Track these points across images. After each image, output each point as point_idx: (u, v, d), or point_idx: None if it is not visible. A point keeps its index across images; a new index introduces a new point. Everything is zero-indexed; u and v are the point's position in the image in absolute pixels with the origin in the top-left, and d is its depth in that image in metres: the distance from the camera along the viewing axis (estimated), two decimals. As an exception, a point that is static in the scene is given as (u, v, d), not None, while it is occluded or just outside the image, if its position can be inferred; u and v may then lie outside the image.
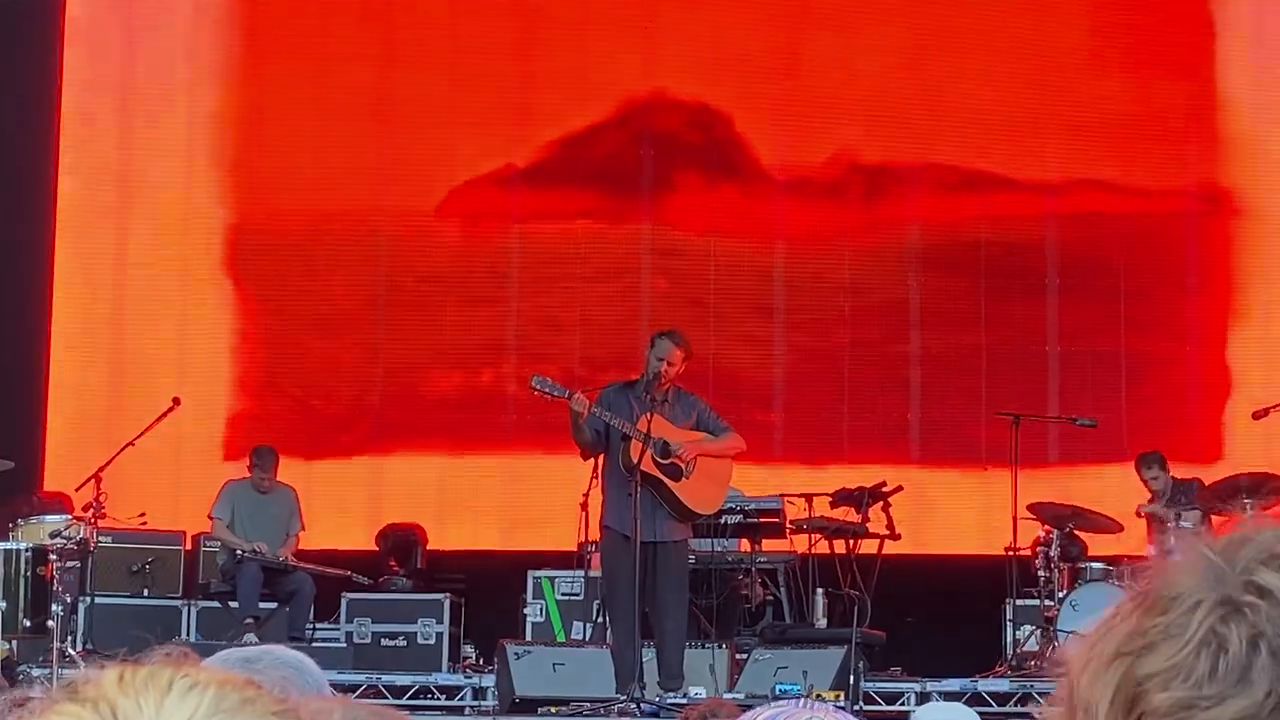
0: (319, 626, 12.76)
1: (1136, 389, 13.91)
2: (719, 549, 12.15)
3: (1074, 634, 11.16)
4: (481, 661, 12.51)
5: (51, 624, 11.08)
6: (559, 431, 11.30)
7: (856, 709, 10.37)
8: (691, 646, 10.99)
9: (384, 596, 12.89)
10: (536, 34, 14.59)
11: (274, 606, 12.55)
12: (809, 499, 12.49)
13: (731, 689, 10.85)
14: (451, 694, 11.80)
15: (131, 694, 1.30)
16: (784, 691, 10.13)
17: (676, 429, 10.55)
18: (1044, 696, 10.94)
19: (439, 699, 11.72)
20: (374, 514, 13.88)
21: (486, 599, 13.10)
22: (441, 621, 12.62)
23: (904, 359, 14.11)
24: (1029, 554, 11.92)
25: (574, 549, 12.24)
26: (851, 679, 10.85)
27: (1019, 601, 12.10)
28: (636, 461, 10.28)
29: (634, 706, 10.28)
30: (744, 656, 11.26)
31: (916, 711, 7.78)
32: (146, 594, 13.02)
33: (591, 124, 14.47)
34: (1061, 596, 11.50)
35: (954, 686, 11.21)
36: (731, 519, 12.06)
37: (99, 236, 14.46)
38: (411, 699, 11.57)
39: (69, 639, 11.54)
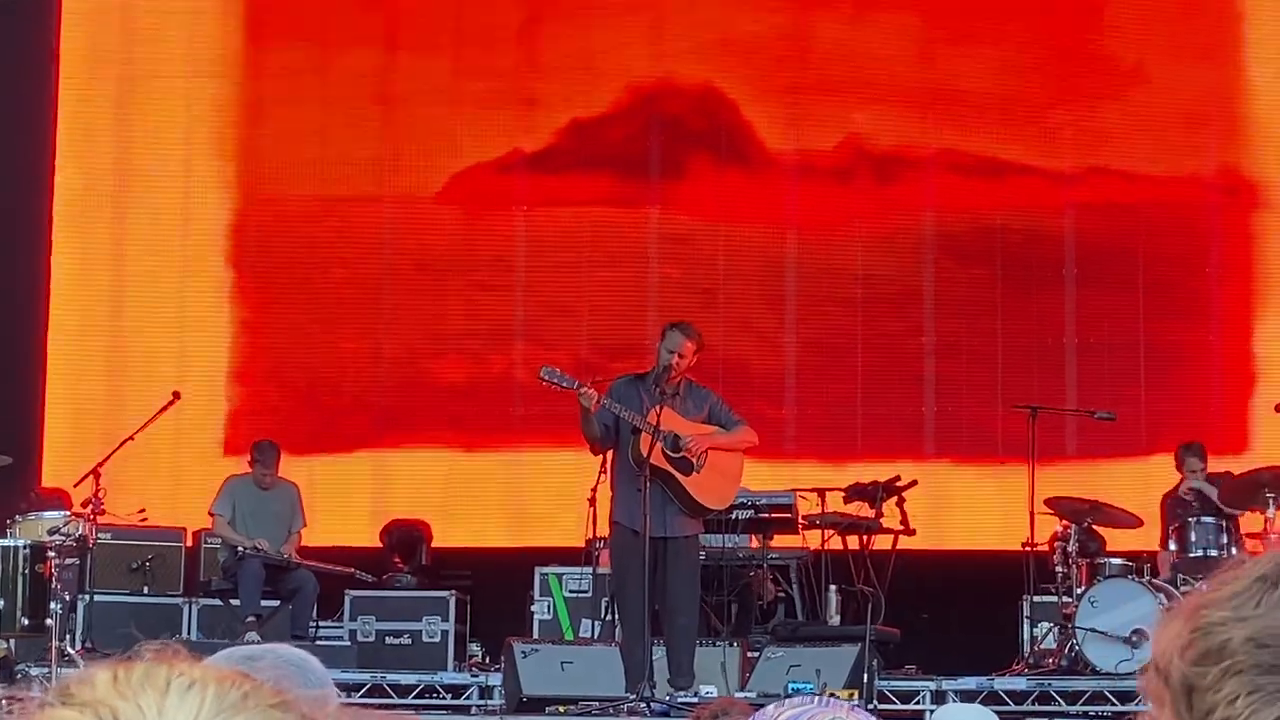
0: (322, 625, 12.77)
1: (1156, 381, 13.89)
2: (730, 545, 12.16)
3: (1093, 631, 11.17)
4: (488, 660, 12.51)
5: (50, 622, 11.09)
6: (567, 423, 11.31)
7: (870, 708, 10.35)
8: (702, 644, 10.98)
9: (388, 594, 12.90)
10: (542, 18, 14.59)
11: (276, 604, 12.55)
12: (822, 494, 12.49)
13: (743, 688, 10.86)
14: (457, 693, 11.81)
15: (130, 696, 1.29)
16: (796, 690, 10.13)
17: (687, 422, 10.54)
18: (1062, 695, 10.97)
19: (444, 698, 11.72)
20: (378, 510, 13.89)
21: (493, 596, 13.11)
22: (447, 619, 12.63)
23: (918, 350, 14.11)
24: (1046, 549, 11.91)
25: (582, 545, 12.24)
26: (865, 677, 10.85)
27: (1036, 598, 12.09)
28: (646, 455, 10.27)
29: (644, 706, 10.28)
30: (756, 655, 11.26)
31: (935, 712, 7.79)
32: (146, 592, 13.03)
33: (599, 109, 14.47)
34: (1080, 593, 11.48)
35: (970, 685, 11.20)
36: (743, 514, 12.06)
37: (97, 228, 14.47)
38: (416, 698, 11.57)
39: (68, 637, 11.56)
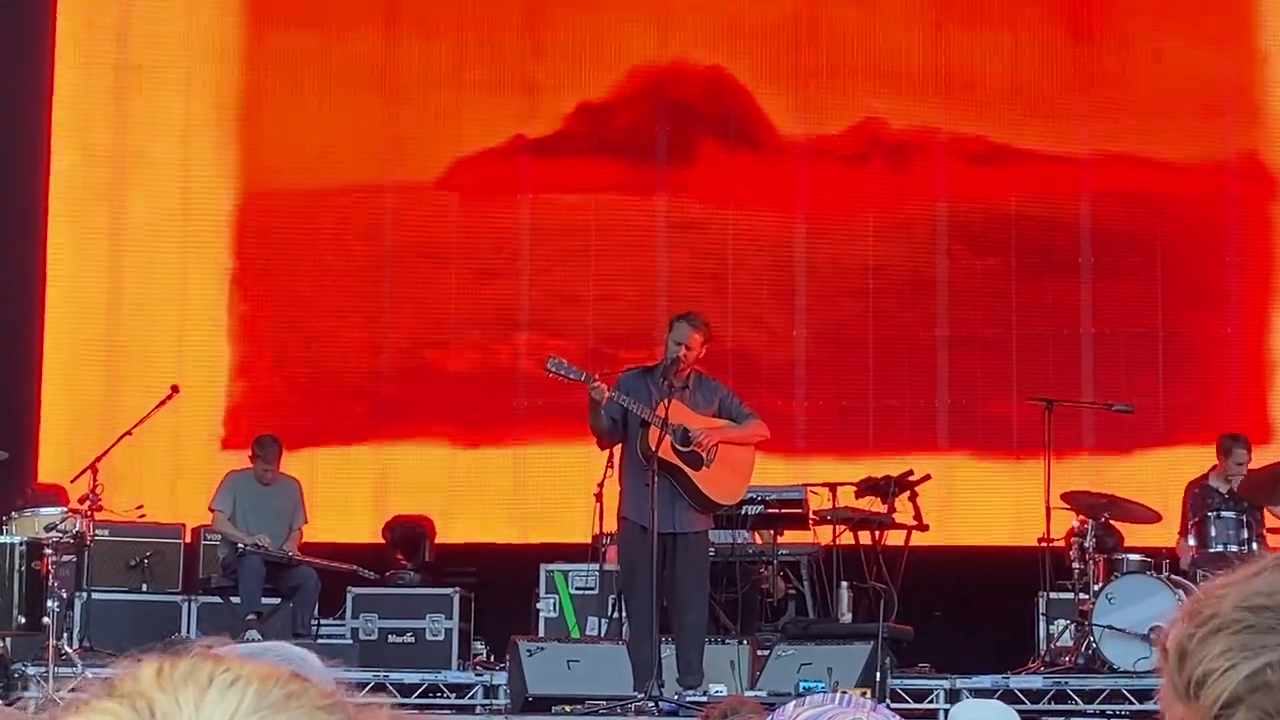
0: (324, 622, 12.78)
1: (1175, 372, 13.89)
2: (740, 541, 12.17)
3: (1110, 629, 11.18)
4: (493, 659, 12.52)
5: (47, 620, 11.10)
6: (574, 416, 11.31)
7: (884, 706, 10.36)
8: (712, 642, 10.99)
9: (391, 591, 12.90)
10: (546, 2, 14.59)
11: (277, 602, 12.56)
12: (833, 489, 12.49)
13: (753, 686, 10.86)
14: (461, 692, 11.82)
15: (170, 690, 1.30)
16: (808, 689, 10.14)
17: (697, 415, 10.54)
18: (1079, 693, 10.97)
19: (448, 697, 11.73)
20: (380, 505, 13.91)
21: (497, 593, 13.12)
22: (451, 617, 12.63)
23: (931, 342, 14.11)
24: (1063, 545, 11.91)
25: (589, 541, 12.25)
26: (878, 676, 10.86)
27: (1053, 595, 12.09)
28: (655, 449, 10.27)
29: (652, 705, 10.28)
30: (766, 653, 11.27)
31: (952, 709, 7.80)
32: (145, 589, 13.04)
33: (605, 94, 14.47)
34: (1097, 589, 11.48)
35: (985, 683, 11.20)
36: (753, 510, 12.07)
37: (94, 216, 14.48)
38: (420, 698, 11.57)
39: (65, 636, 11.56)
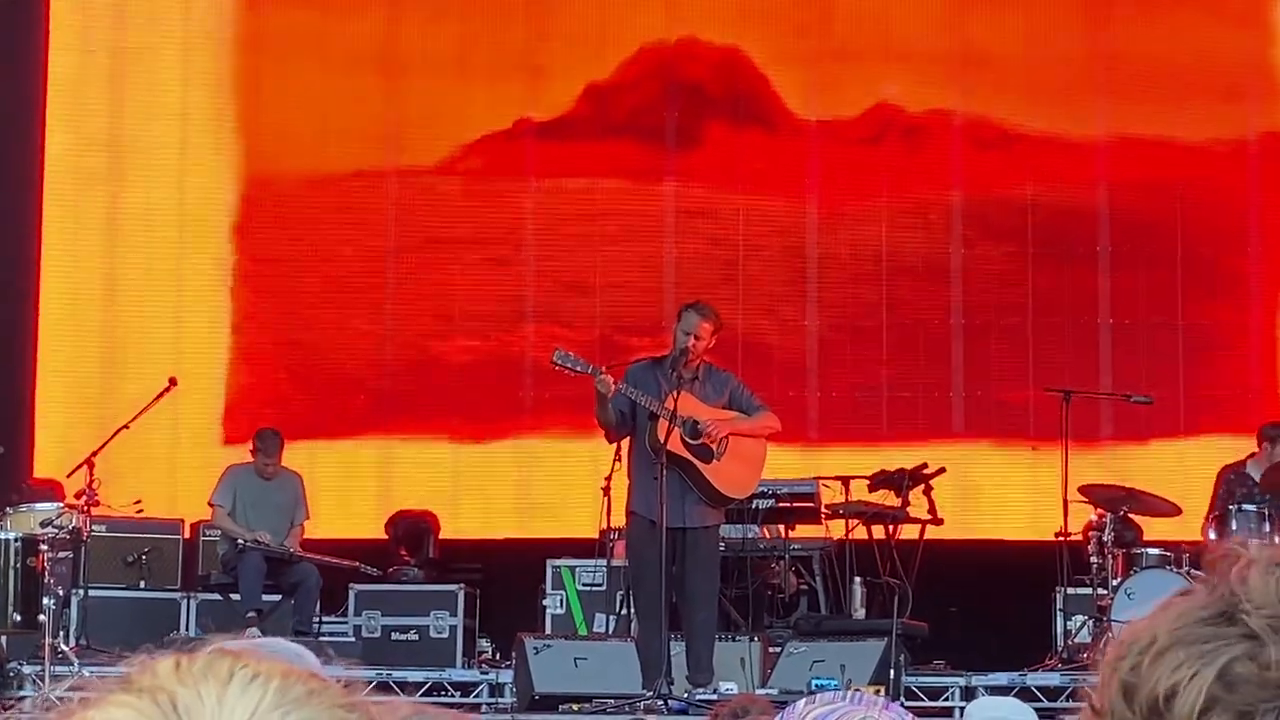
0: (326, 620, 12.80)
1: (1195, 361, 13.89)
2: (751, 535, 12.18)
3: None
4: (498, 656, 12.54)
5: (43, 618, 11.12)
6: (581, 408, 11.33)
7: (898, 704, 10.38)
8: (722, 639, 11.00)
9: (394, 588, 12.92)
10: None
11: (278, 599, 12.57)
12: (845, 482, 12.50)
13: (764, 684, 10.87)
14: (467, 691, 11.84)
15: (191, 684, 1.30)
16: (820, 686, 10.15)
17: (707, 407, 10.55)
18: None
19: (453, 696, 11.74)
20: (383, 500, 13.92)
21: (503, 590, 13.13)
22: (455, 614, 12.64)
23: (945, 331, 14.12)
24: (1080, 539, 11.91)
25: (596, 536, 12.26)
26: (892, 673, 10.87)
27: (1070, 590, 12.10)
28: (663, 442, 10.28)
29: (661, 703, 10.30)
30: (777, 650, 11.28)
31: (968, 707, 7.82)
32: (143, 586, 13.06)
33: (612, 75, 14.46)
34: (1115, 584, 11.48)
35: (1001, 680, 11.22)
36: (764, 504, 12.08)
37: (90, 207, 14.48)
38: (424, 696, 11.59)
39: (61, 634, 11.60)
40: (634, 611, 11.01)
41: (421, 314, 14.45)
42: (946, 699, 11.25)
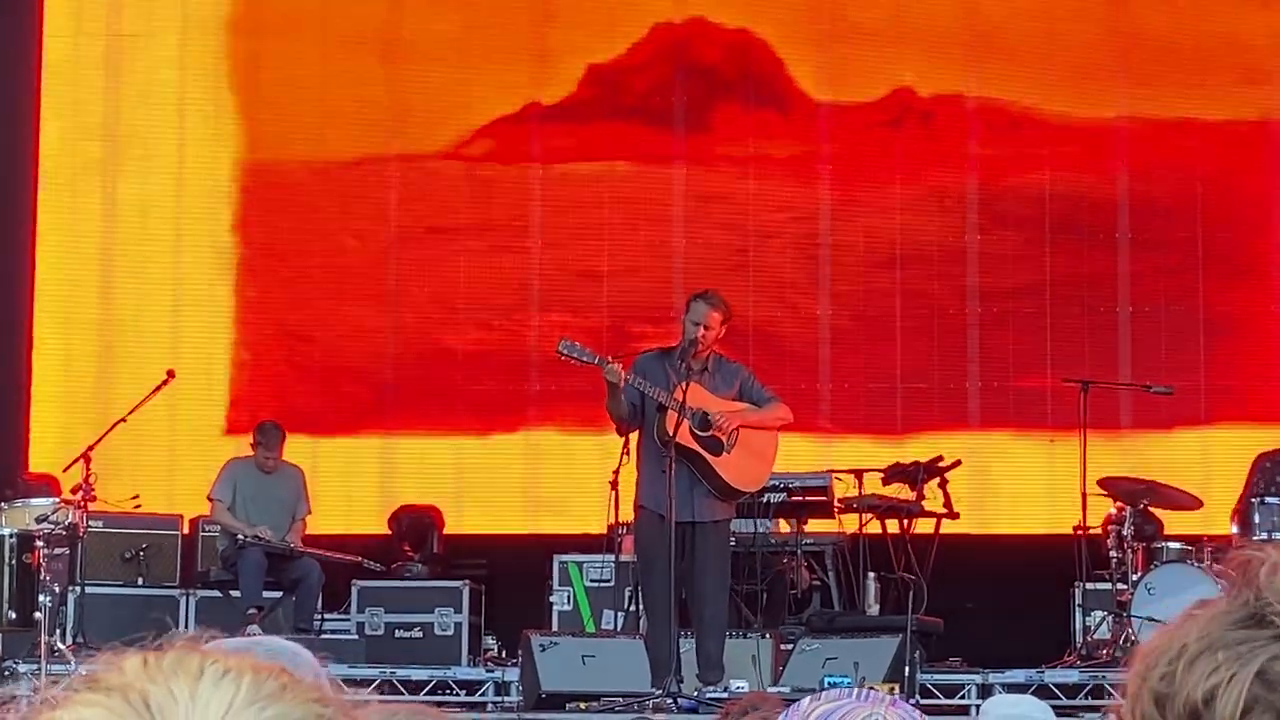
0: (328, 617, 12.82)
1: (1216, 349, 13.87)
2: (762, 530, 12.18)
3: (1150, 620, 11.18)
4: (504, 654, 12.55)
5: (39, 616, 11.14)
6: (588, 400, 11.33)
7: (912, 702, 10.38)
8: (733, 636, 11.00)
9: (398, 584, 12.93)
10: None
11: (279, 596, 12.60)
12: (859, 475, 12.50)
13: (776, 682, 10.87)
14: (472, 689, 11.84)
15: (162, 681, 1.30)
16: (833, 684, 10.15)
17: (717, 399, 10.55)
18: (1118, 688, 10.96)
19: (458, 694, 11.75)
20: (386, 495, 13.93)
21: (509, 586, 13.14)
22: (460, 611, 12.66)
23: (961, 319, 14.11)
24: (1100, 533, 11.91)
25: (604, 531, 12.27)
26: (906, 670, 10.86)
27: (1089, 585, 12.08)
28: (672, 434, 10.28)
29: (670, 702, 10.29)
30: (789, 647, 11.28)
31: (984, 704, 7.81)
32: (141, 583, 13.06)
33: (621, 57, 14.45)
34: (1135, 579, 11.47)
35: (1018, 678, 11.20)
36: (775, 497, 12.07)
37: (85, 196, 14.48)
38: (428, 695, 11.60)
39: (58, 632, 11.61)
40: (643, 608, 11.02)
41: (425, 303, 14.45)
42: (963, 697, 11.24)
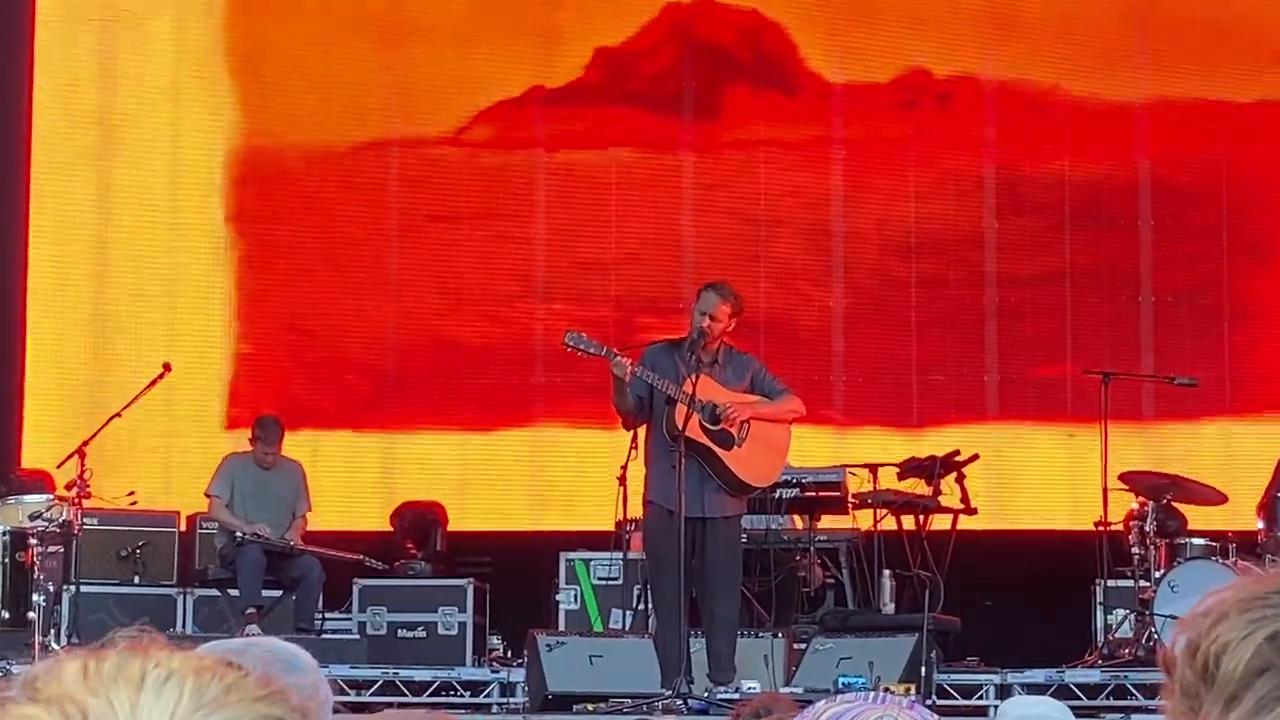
0: (329, 616, 12.82)
1: (1241, 337, 13.83)
2: (774, 526, 12.17)
3: (1173, 619, 11.14)
4: (510, 654, 12.55)
5: (32, 615, 11.16)
6: (594, 393, 11.30)
7: (929, 703, 10.35)
8: (744, 635, 11.00)
9: (400, 583, 12.92)
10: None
11: (278, 595, 12.60)
12: (874, 470, 12.50)
13: (789, 682, 10.88)
14: (476, 690, 11.84)
15: (101, 691, 1.27)
16: (847, 685, 10.13)
17: (727, 392, 10.53)
18: (1140, 688, 10.96)
19: (463, 695, 11.76)
20: (388, 491, 13.93)
21: (514, 585, 13.12)
22: (464, 610, 12.66)
23: (978, 309, 14.07)
24: (1121, 529, 11.89)
25: (612, 528, 12.26)
26: (923, 670, 10.86)
27: (1111, 582, 12.06)
28: (681, 428, 10.26)
29: (680, 703, 10.29)
30: (802, 646, 11.28)
31: (1002, 705, 7.79)
32: (137, 581, 13.07)
33: (628, 40, 14.42)
34: (1158, 576, 11.46)
35: (1038, 678, 11.20)
36: (788, 493, 12.10)
37: (78, 185, 14.47)
38: (432, 696, 11.61)
39: (52, 632, 11.61)
40: (652, 606, 11.02)
41: (427, 293, 14.43)
42: (980, 697, 11.22)
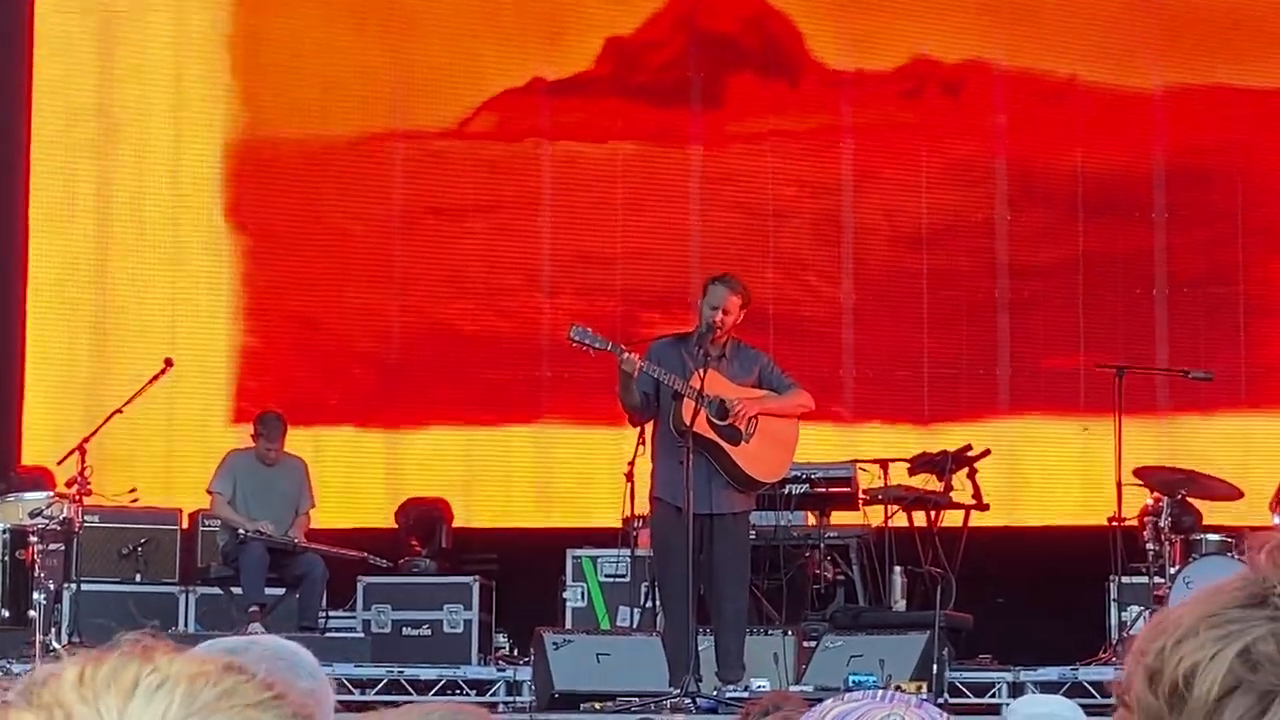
0: (333, 615, 12.83)
1: (1258, 329, 13.84)
2: (784, 523, 12.19)
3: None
4: (516, 652, 12.59)
5: (33, 614, 11.19)
6: (601, 389, 11.33)
7: (940, 701, 10.38)
8: (753, 633, 11.01)
9: (405, 580, 12.95)
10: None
11: (282, 593, 12.62)
12: (884, 465, 12.50)
13: (799, 680, 10.89)
14: (483, 689, 11.87)
15: (91, 699, 1.29)
16: (858, 683, 10.17)
17: (735, 386, 10.55)
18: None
19: (468, 694, 11.77)
20: (393, 487, 13.95)
21: (521, 582, 13.15)
22: (470, 608, 12.67)
23: (990, 301, 14.09)
24: (1136, 525, 11.90)
25: (619, 525, 12.29)
26: (935, 668, 10.86)
27: (1125, 579, 12.05)
28: (689, 423, 10.28)
29: (689, 701, 10.30)
30: (812, 644, 11.29)
31: (1012, 703, 7.82)
32: (139, 580, 13.09)
33: (635, 31, 14.44)
34: (1173, 572, 11.46)
35: (1051, 675, 11.20)
36: (797, 489, 12.09)
37: (78, 177, 14.49)
38: (437, 695, 11.63)
39: (53, 631, 11.64)
40: (659, 604, 11.03)
41: (431, 287, 14.45)
42: (993, 695, 11.23)
